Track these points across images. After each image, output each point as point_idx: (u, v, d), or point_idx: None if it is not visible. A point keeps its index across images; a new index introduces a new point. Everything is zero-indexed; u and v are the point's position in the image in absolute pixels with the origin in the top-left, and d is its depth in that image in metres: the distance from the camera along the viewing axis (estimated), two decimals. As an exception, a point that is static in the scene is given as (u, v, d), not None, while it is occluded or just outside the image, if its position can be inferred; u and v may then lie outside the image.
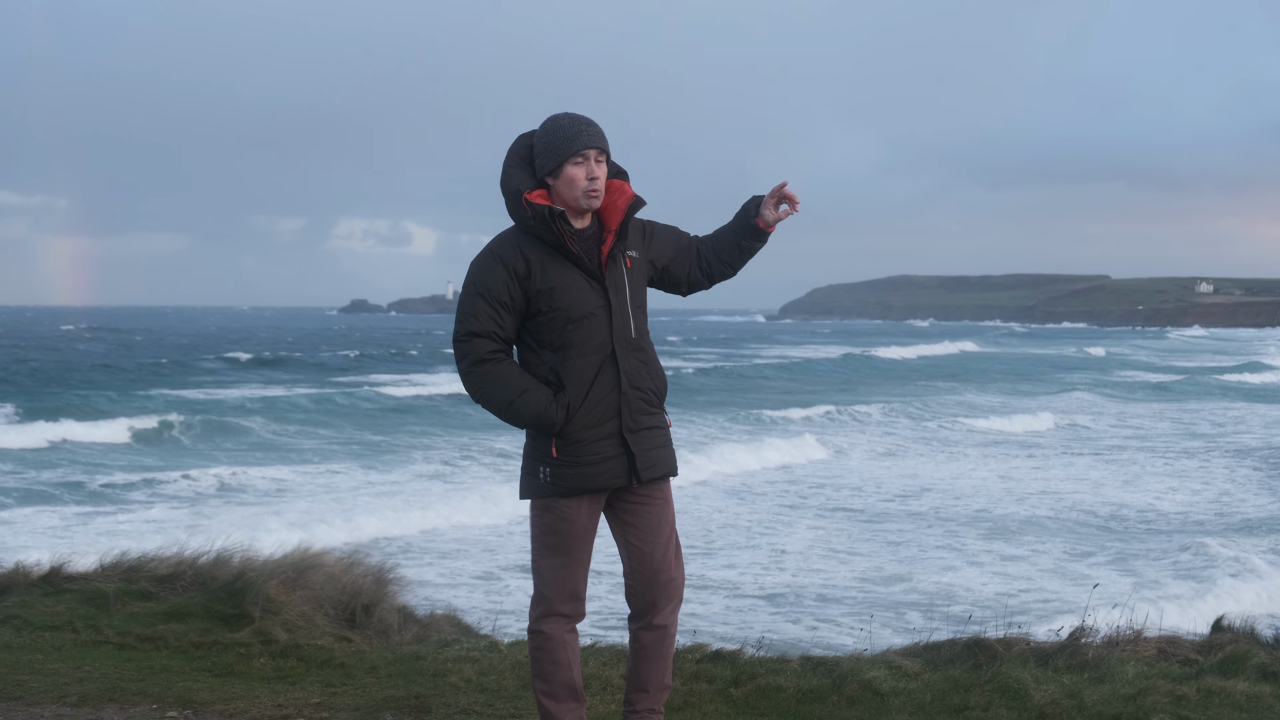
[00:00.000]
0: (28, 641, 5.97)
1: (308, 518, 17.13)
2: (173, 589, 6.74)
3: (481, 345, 3.75)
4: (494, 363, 3.75)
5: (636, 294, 3.87)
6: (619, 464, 3.79)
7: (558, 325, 3.75)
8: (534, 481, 3.83)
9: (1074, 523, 17.73)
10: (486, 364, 3.75)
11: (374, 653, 5.83)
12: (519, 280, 3.74)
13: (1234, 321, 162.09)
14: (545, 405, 3.72)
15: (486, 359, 3.75)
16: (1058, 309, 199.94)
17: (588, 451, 3.76)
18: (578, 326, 3.74)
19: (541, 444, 3.80)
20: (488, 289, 3.74)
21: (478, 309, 3.74)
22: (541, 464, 3.80)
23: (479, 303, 3.74)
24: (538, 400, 3.72)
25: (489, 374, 3.75)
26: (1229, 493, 20.59)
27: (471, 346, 3.76)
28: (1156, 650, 5.72)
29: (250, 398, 37.60)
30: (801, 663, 5.59)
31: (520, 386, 3.73)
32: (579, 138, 3.72)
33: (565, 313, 3.73)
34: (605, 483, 3.79)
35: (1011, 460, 25.23)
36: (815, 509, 19.06)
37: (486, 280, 3.74)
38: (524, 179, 3.77)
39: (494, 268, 3.74)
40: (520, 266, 3.73)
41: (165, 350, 71.53)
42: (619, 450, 3.79)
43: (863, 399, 39.95)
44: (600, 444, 3.76)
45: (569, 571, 3.86)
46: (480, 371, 3.75)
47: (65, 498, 19.36)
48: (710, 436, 28.86)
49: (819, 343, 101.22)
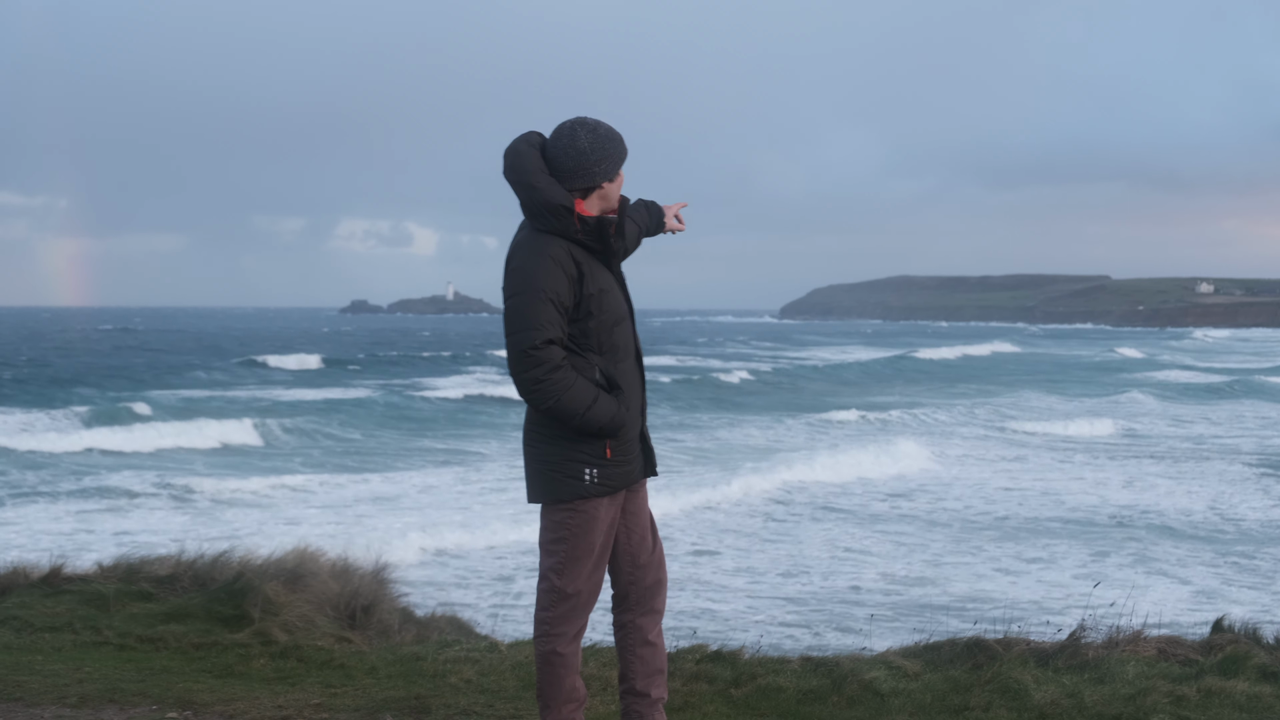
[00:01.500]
0: (28, 642, 5.97)
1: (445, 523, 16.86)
2: (172, 590, 6.74)
3: (557, 353, 3.67)
4: (566, 369, 3.69)
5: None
6: (640, 461, 3.92)
7: (606, 329, 3.78)
8: (575, 484, 3.78)
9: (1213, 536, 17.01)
10: (560, 370, 3.68)
11: (374, 653, 5.83)
12: (574, 283, 3.72)
13: (1234, 321, 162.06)
14: (618, 410, 3.74)
15: (562, 365, 3.68)
16: (1058, 309, 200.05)
17: (629, 451, 3.85)
18: (620, 329, 3.84)
19: (590, 446, 3.77)
20: (556, 294, 3.66)
21: (548, 315, 3.65)
22: (589, 465, 3.77)
23: (549, 309, 3.65)
24: (610, 404, 3.73)
25: (563, 382, 3.67)
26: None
27: (549, 354, 3.66)
28: (1156, 650, 5.72)
29: (344, 399, 37.84)
30: (802, 663, 5.58)
31: (592, 393, 3.71)
32: (618, 156, 3.81)
33: (609, 316, 3.79)
34: (636, 478, 3.90)
35: (1098, 466, 24.67)
36: (961, 523, 18.18)
37: (554, 285, 3.66)
38: (561, 190, 3.72)
39: (556, 273, 3.67)
40: (574, 270, 3.72)
41: (218, 352, 71.84)
42: (640, 448, 3.92)
43: (942, 401, 39.44)
44: (634, 443, 3.89)
45: (594, 574, 3.89)
46: (558, 378, 3.67)
47: (269, 500, 19.18)
48: (816, 441, 28.25)
49: (859, 344, 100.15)
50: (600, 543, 3.87)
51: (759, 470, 22.49)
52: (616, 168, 3.81)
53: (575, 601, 3.86)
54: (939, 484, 22.35)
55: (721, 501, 19.86)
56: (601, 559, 3.90)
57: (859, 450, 25.41)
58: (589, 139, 3.75)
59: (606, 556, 3.91)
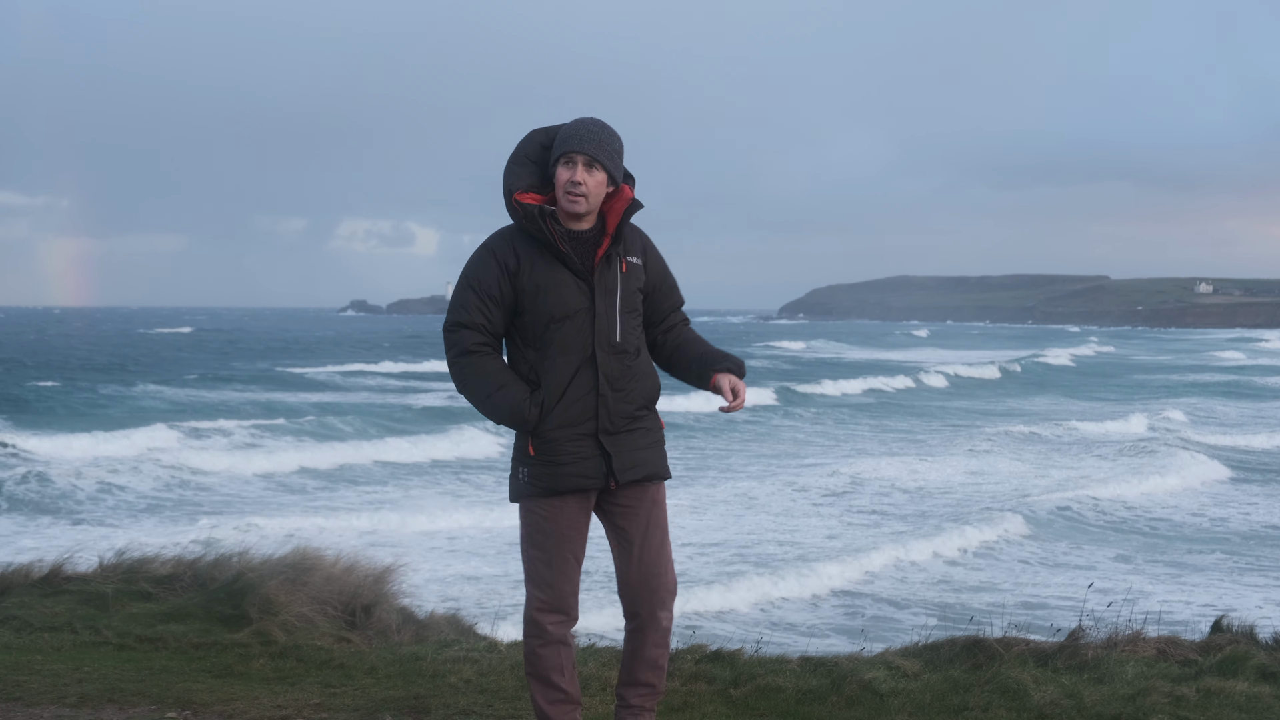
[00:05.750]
0: (27, 642, 5.97)
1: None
2: (172, 590, 6.74)
3: (468, 337, 3.79)
4: (478, 355, 3.79)
5: (629, 299, 3.87)
6: (595, 465, 3.82)
7: (540, 324, 3.78)
8: (515, 482, 3.90)
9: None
10: (471, 355, 3.79)
11: (373, 653, 5.83)
12: (510, 276, 3.78)
13: (1233, 322, 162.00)
14: (520, 401, 3.76)
15: (472, 350, 3.79)
16: (1057, 309, 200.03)
17: (563, 451, 3.79)
18: (560, 326, 3.77)
19: (520, 443, 3.85)
20: (480, 282, 3.79)
21: (468, 301, 3.79)
22: (521, 464, 3.85)
23: (469, 295, 3.79)
24: (513, 396, 3.77)
25: (472, 365, 3.79)
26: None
27: (459, 337, 3.81)
28: (1156, 651, 5.71)
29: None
30: (801, 663, 5.58)
31: (499, 382, 3.78)
32: (568, 141, 3.76)
33: (549, 311, 3.77)
34: (581, 484, 3.81)
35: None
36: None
37: (479, 274, 3.79)
38: (521, 178, 3.80)
39: (488, 262, 3.79)
40: (511, 262, 3.78)
41: (310, 354, 71.74)
42: (595, 452, 3.81)
43: (1136, 408, 37.70)
44: (576, 444, 3.79)
45: (554, 571, 3.87)
46: (464, 362, 3.80)
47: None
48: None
49: (969, 346, 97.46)
50: (554, 545, 3.85)
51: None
52: (552, 158, 3.78)
53: (541, 601, 3.88)
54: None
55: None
56: (562, 562, 3.86)
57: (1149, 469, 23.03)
58: (575, 121, 3.81)
59: (565, 559, 3.86)
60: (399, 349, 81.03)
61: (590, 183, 3.75)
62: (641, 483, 3.90)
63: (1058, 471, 24.02)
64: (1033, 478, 23.05)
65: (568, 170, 3.75)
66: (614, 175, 3.80)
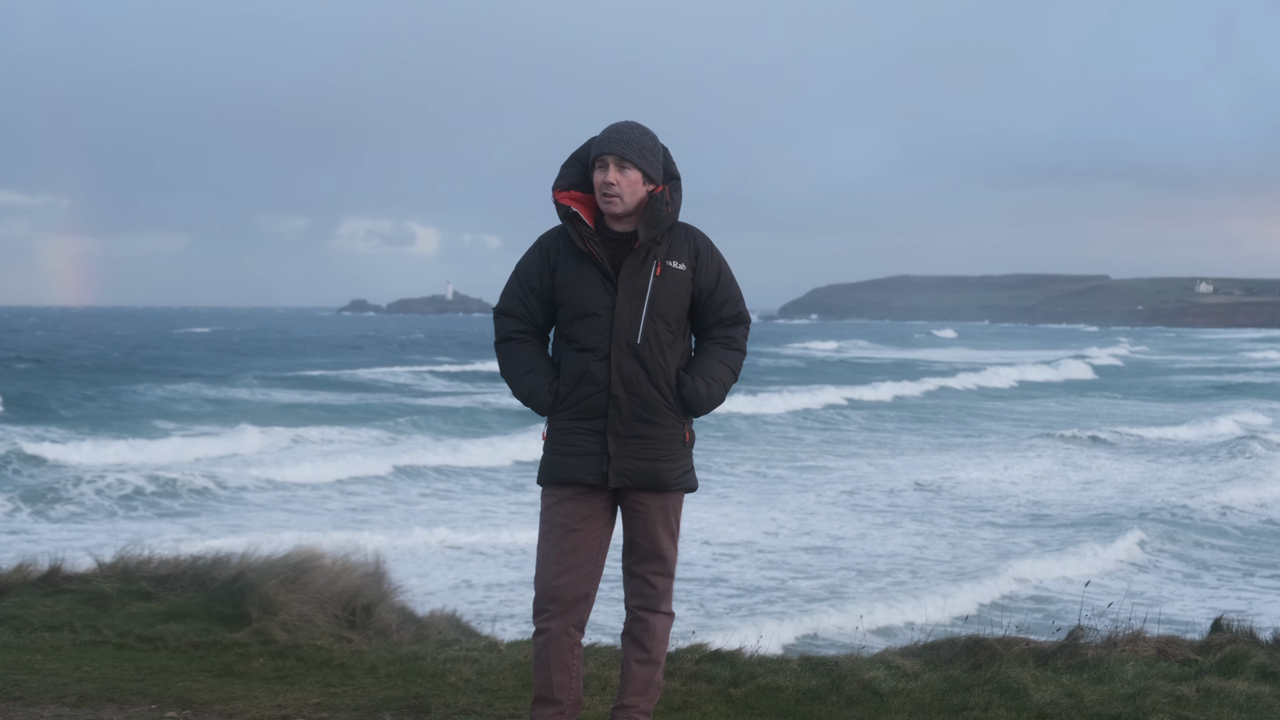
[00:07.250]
0: (27, 642, 5.97)
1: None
2: (172, 589, 6.74)
3: (507, 324, 4.01)
4: (515, 341, 4.00)
5: (660, 302, 3.85)
6: (596, 462, 3.85)
7: (566, 319, 3.91)
8: (539, 469, 4.01)
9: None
10: (509, 341, 4.01)
11: (373, 653, 5.83)
12: (550, 270, 3.93)
13: (1234, 322, 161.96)
14: (537, 386, 3.92)
15: (510, 337, 4.00)
16: (1057, 309, 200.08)
17: (568, 443, 3.87)
18: (584, 323, 3.86)
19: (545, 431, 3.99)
20: (524, 273, 3.99)
21: (511, 290, 4.01)
22: (543, 450, 3.97)
23: (514, 284, 4.01)
24: (535, 381, 3.93)
25: (508, 350, 4.01)
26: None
27: (500, 323, 4.04)
28: (1156, 650, 5.71)
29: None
30: (801, 663, 5.58)
31: (528, 366, 3.96)
32: (600, 144, 3.87)
33: (573, 308, 3.88)
34: (578, 476, 3.85)
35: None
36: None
37: (526, 265, 4.00)
38: (565, 177, 3.94)
39: (534, 254, 3.99)
40: (553, 256, 3.94)
41: (350, 353, 70.56)
42: (599, 449, 3.85)
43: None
44: (582, 438, 3.86)
45: (549, 560, 3.89)
46: (503, 347, 4.02)
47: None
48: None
49: (1000, 346, 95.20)
50: (553, 534, 3.88)
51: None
52: (597, 153, 3.86)
53: (536, 590, 3.95)
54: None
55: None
56: (556, 551, 3.87)
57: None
58: (610, 125, 3.91)
59: (567, 552, 3.87)
60: (435, 348, 79.49)
61: (624, 183, 3.82)
62: (652, 490, 3.90)
63: (1174, 474, 23.33)
64: (1151, 483, 22.15)
65: (601, 173, 3.85)
66: (649, 174, 3.85)
